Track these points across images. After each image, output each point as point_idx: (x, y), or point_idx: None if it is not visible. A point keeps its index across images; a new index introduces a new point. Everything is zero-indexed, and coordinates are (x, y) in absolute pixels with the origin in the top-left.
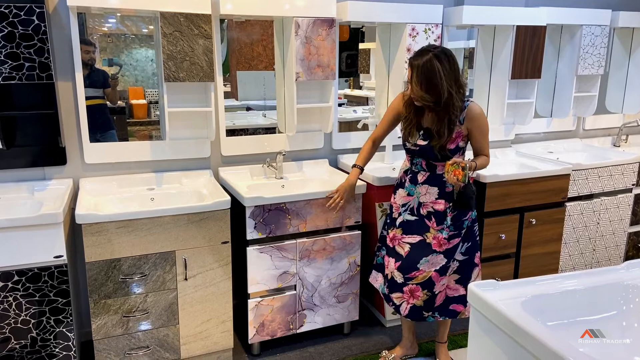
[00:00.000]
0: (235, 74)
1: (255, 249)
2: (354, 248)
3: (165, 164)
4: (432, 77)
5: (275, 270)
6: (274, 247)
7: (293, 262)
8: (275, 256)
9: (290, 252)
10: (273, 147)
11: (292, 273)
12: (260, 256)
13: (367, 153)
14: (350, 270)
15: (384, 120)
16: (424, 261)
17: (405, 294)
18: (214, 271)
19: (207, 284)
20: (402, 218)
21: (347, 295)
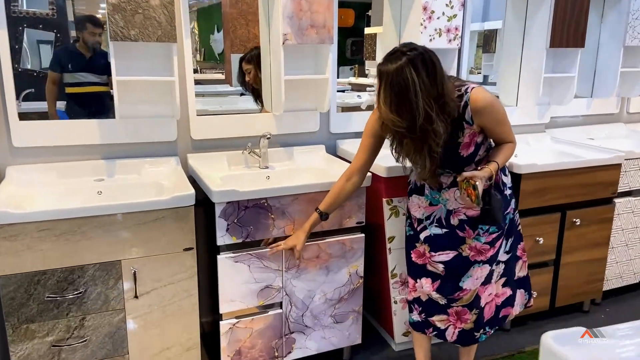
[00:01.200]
0: (229, 57)
1: (229, 257)
2: (355, 255)
3: (119, 149)
4: (404, 93)
5: (255, 284)
6: (253, 254)
7: (278, 274)
8: (254, 266)
9: (274, 260)
10: (256, 129)
11: (277, 287)
12: (235, 266)
13: (337, 194)
14: (350, 282)
15: (361, 149)
16: (467, 278)
17: (452, 317)
18: (174, 286)
19: (165, 302)
20: (428, 232)
21: (346, 313)
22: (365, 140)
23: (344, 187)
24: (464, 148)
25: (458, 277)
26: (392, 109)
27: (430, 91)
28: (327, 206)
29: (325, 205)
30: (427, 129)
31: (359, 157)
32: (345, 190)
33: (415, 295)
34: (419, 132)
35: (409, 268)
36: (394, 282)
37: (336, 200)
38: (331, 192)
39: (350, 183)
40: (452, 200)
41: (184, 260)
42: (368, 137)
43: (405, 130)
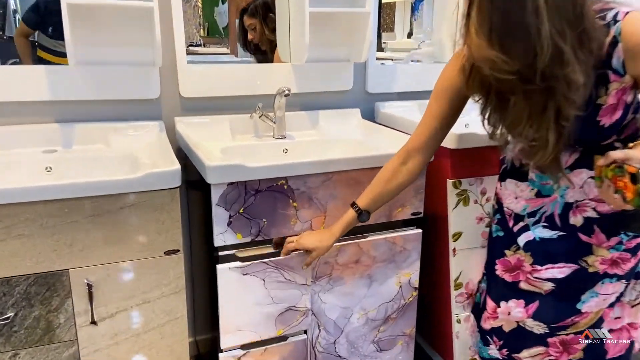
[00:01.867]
0: (234, 22)
1: (234, 268)
2: (408, 258)
3: (79, 109)
4: (516, 11)
5: (273, 306)
6: (270, 263)
7: (305, 290)
8: (272, 280)
9: (299, 269)
10: (270, 85)
11: (303, 310)
12: (242, 281)
13: (384, 184)
14: (401, 296)
15: (426, 118)
16: (590, 297)
17: (553, 349)
18: (151, 306)
19: (139, 329)
20: (530, 235)
21: (394, 338)
22: (435, 105)
23: (397, 174)
24: (607, 113)
25: (575, 297)
26: (494, 41)
27: (561, 8)
28: (369, 201)
29: (367, 199)
30: (555, 75)
31: (423, 130)
32: (398, 178)
33: (495, 323)
34: (539, 82)
35: (490, 284)
36: (457, 295)
37: (383, 193)
38: (376, 181)
39: (407, 169)
40: (575, 189)
41: (167, 268)
42: (440, 99)
43: (515, 78)
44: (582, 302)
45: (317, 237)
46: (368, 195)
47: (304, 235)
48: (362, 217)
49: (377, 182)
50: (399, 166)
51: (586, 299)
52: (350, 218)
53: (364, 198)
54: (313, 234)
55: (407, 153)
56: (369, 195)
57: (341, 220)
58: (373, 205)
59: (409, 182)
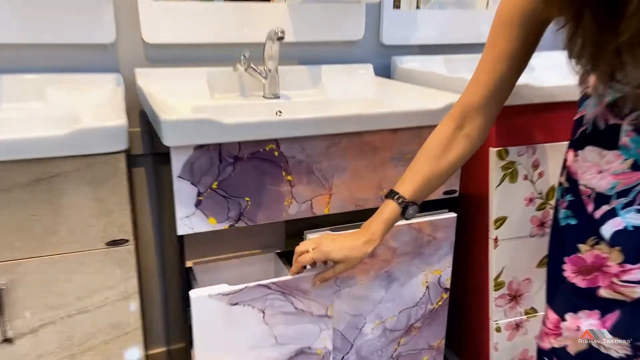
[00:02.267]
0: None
1: (217, 296)
2: (439, 250)
3: (8, 54)
4: None
5: (278, 350)
6: (273, 286)
7: (324, 323)
8: (275, 311)
9: (316, 293)
10: (259, 30)
11: (322, 352)
12: (231, 315)
13: (437, 157)
14: (428, 299)
15: (488, 59)
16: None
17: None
18: (91, 317)
19: (75, 348)
20: (619, 223)
21: (418, 353)
22: (500, 42)
23: (451, 144)
24: None
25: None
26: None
27: None
28: (416, 188)
29: (413, 185)
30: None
31: (484, 78)
32: (453, 151)
33: (557, 342)
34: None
35: (552, 290)
36: (497, 297)
37: (434, 175)
38: (422, 157)
39: (465, 135)
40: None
41: (111, 265)
42: (507, 31)
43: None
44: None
45: (346, 243)
46: (413, 179)
47: (324, 239)
48: (407, 212)
49: (423, 158)
50: (454, 133)
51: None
52: (392, 214)
53: (408, 184)
54: (340, 239)
55: (462, 114)
56: (414, 180)
57: (380, 218)
58: (421, 193)
59: (468, 154)
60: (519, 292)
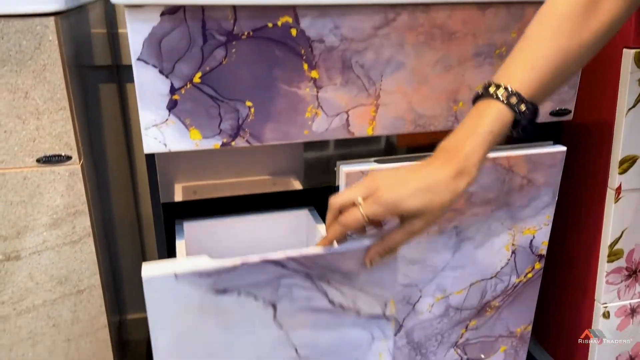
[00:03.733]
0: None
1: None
2: (536, 200)
3: None
4: None
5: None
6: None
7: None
8: (296, 307)
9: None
10: None
11: None
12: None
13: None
14: (513, 269)
15: None
16: None
17: None
18: (24, 266)
19: (3, 302)
20: None
21: (494, 341)
22: None
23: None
24: None
25: None
26: None
27: None
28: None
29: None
30: None
31: None
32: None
33: None
34: None
35: None
36: (611, 270)
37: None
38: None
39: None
40: None
41: (46, 191)
42: None
43: None
44: None
45: (424, 181)
46: (532, 64)
47: (382, 178)
48: (523, 121)
49: (548, 28)
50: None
51: None
52: (500, 123)
53: (524, 71)
54: (410, 174)
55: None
56: (535, 65)
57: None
58: (545, 88)
59: (616, 25)
60: None
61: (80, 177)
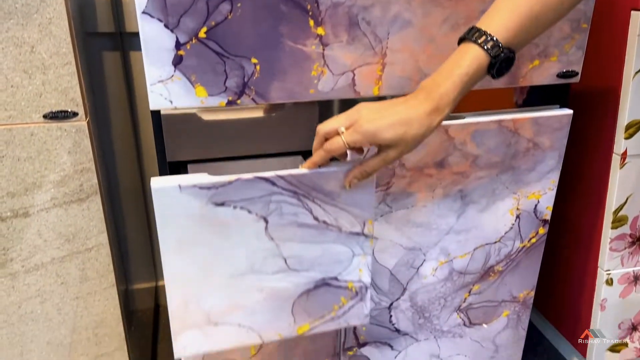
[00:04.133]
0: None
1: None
2: (541, 164)
3: None
4: None
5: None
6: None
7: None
8: (285, 220)
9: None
10: None
11: (356, 286)
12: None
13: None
14: (518, 234)
15: None
16: None
17: None
18: (32, 223)
19: (12, 259)
20: None
21: (497, 306)
22: None
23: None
24: None
25: None
26: None
27: None
28: (519, 24)
29: (513, 21)
30: None
31: None
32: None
33: None
34: None
35: None
36: (615, 237)
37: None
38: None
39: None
40: None
41: (53, 148)
42: None
43: None
44: None
45: (400, 114)
46: (510, 12)
47: (364, 110)
48: (500, 65)
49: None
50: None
51: None
52: (475, 66)
53: (501, 18)
54: (390, 108)
55: None
56: (512, 12)
57: (455, 71)
58: (521, 35)
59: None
60: None
61: (87, 134)
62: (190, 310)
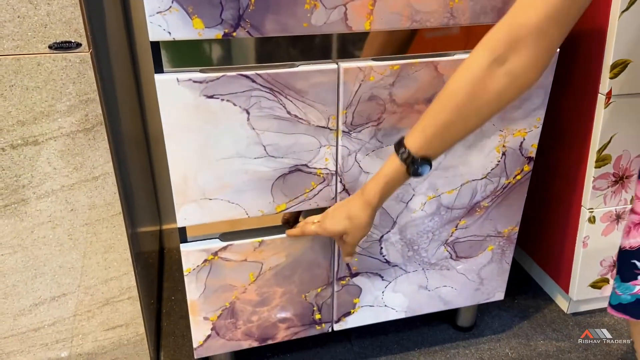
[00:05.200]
0: None
1: (187, 82)
2: (527, 102)
3: None
4: None
5: (267, 163)
6: (260, 80)
7: (326, 135)
8: (264, 113)
9: (317, 97)
10: None
11: (323, 173)
12: (207, 109)
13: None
14: (503, 170)
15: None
16: None
17: None
18: (41, 151)
19: (23, 185)
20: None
21: (482, 241)
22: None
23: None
24: None
25: None
26: None
27: None
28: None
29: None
30: None
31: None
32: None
33: None
34: None
35: None
36: (598, 176)
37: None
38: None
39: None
40: None
41: (58, 78)
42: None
43: None
44: None
45: (343, 212)
46: (425, 127)
47: (327, 214)
48: (416, 170)
49: (443, 101)
50: (490, 68)
51: None
52: (394, 173)
53: (418, 133)
54: (338, 210)
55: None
56: (427, 128)
57: (378, 178)
58: (436, 147)
59: (508, 99)
60: (629, 172)
61: (90, 64)
62: (189, 186)
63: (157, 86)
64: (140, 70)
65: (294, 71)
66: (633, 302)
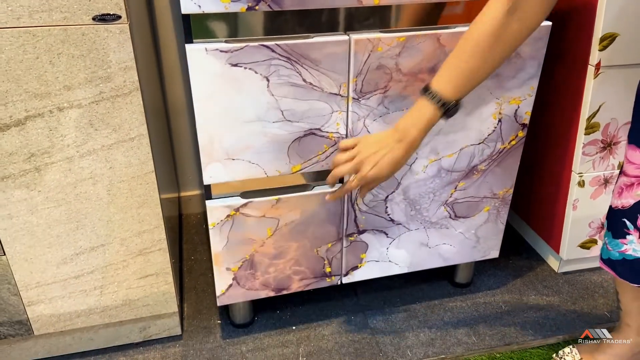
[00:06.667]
0: None
1: (214, 51)
2: (521, 72)
3: None
4: None
5: (284, 127)
6: (280, 50)
7: (338, 102)
8: (282, 81)
9: (329, 66)
10: None
11: (334, 136)
12: (231, 76)
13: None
14: (499, 136)
15: None
16: None
17: None
18: (84, 113)
19: (68, 145)
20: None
21: (478, 202)
22: None
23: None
24: None
25: None
26: None
27: None
28: (462, 84)
29: (457, 82)
30: None
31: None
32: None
33: None
34: None
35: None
36: (587, 143)
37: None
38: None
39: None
40: None
41: (100, 47)
42: None
43: None
44: None
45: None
46: (456, 74)
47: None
48: (450, 114)
49: (468, 50)
50: (505, 17)
51: None
52: (433, 117)
53: (450, 80)
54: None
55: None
56: (457, 75)
57: (419, 124)
58: (466, 90)
59: (520, 42)
60: (616, 139)
61: (128, 35)
62: (214, 147)
63: (187, 55)
64: (160, 45)
65: (310, 42)
66: (620, 261)
